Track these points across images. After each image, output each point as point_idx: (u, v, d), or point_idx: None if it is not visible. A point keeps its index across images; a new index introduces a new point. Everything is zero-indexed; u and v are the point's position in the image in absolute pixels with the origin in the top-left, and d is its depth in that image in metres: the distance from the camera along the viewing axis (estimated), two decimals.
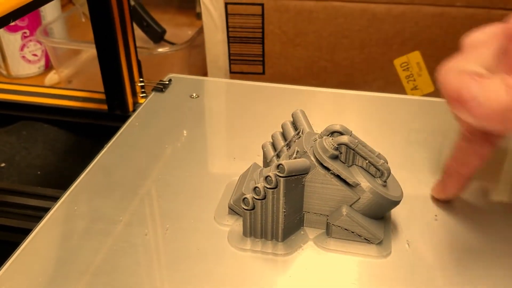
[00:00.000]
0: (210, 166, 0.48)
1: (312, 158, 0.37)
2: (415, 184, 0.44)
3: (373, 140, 0.40)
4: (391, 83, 0.80)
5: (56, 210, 0.42)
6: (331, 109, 0.58)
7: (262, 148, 0.43)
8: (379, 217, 0.39)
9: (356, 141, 0.37)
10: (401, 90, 0.80)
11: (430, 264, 0.37)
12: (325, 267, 0.37)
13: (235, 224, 0.40)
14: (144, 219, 0.41)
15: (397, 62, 0.78)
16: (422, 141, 0.51)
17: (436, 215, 0.40)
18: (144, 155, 0.49)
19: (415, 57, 0.78)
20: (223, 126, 0.56)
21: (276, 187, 0.36)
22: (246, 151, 0.49)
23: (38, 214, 0.42)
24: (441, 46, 0.76)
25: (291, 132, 0.42)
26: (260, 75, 0.83)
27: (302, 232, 0.39)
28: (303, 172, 0.36)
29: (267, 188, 0.36)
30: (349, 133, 0.38)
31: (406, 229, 0.39)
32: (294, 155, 0.38)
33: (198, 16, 1.14)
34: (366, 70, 0.80)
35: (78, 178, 0.45)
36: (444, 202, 0.42)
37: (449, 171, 0.41)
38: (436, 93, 0.80)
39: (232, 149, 0.51)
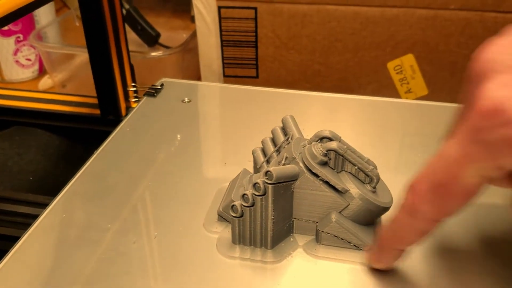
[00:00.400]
0: (201, 172, 0.48)
1: (301, 165, 0.36)
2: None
3: (366, 144, 0.40)
4: (384, 86, 0.80)
5: (45, 217, 0.42)
6: (325, 113, 0.58)
7: (252, 153, 0.43)
8: (369, 223, 0.38)
9: (345, 147, 0.37)
10: (395, 93, 0.80)
11: (420, 270, 0.36)
12: (315, 275, 0.36)
13: (224, 231, 0.39)
14: (133, 227, 0.41)
15: (391, 65, 0.78)
16: (415, 144, 0.51)
17: None
18: (134, 161, 0.49)
19: (409, 60, 0.77)
20: (214, 131, 0.56)
21: (264, 194, 0.35)
22: (238, 156, 0.49)
23: (28, 221, 0.42)
24: (434, 49, 0.76)
25: (281, 137, 0.41)
26: (254, 79, 0.83)
27: (291, 239, 0.39)
28: (292, 179, 0.36)
29: (256, 195, 0.35)
30: (338, 139, 0.37)
31: None
32: (283, 161, 0.37)
33: (193, 19, 1.14)
34: (359, 73, 0.80)
35: (67, 185, 0.45)
36: None
37: (382, 244, 0.35)
38: (430, 96, 0.79)
39: (224, 154, 0.51)
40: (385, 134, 0.53)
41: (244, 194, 0.36)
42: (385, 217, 0.40)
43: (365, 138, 0.52)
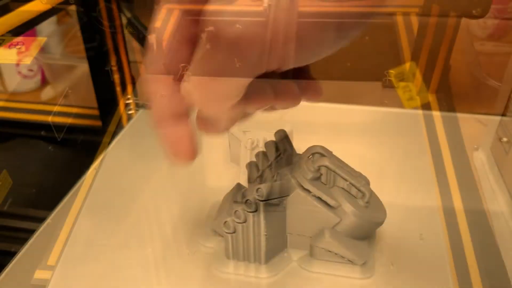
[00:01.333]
0: (195, 186, 0.48)
1: (293, 180, 0.36)
2: (400, 203, 0.44)
3: (363, 155, 0.39)
4: (386, 94, 0.79)
5: (39, 234, 0.42)
6: (325, 123, 0.57)
7: (246, 168, 0.43)
8: (362, 238, 0.38)
9: (337, 162, 0.36)
10: (397, 101, 0.80)
11: (414, 285, 0.36)
12: None
13: (219, 247, 0.39)
14: (126, 243, 0.41)
15: (393, 72, 0.78)
16: (411, 156, 0.50)
17: (421, 234, 0.40)
18: (128, 175, 0.49)
19: (411, 67, 0.77)
20: (209, 145, 0.55)
21: (256, 210, 0.35)
22: (232, 170, 0.49)
23: (27, 236, 0.42)
24: (436, 56, 0.75)
25: (273, 152, 0.41)
26: None
27: (285, 253, 0.39)
28: (283, 195, 0.36)
29: (247, 211, 0.35)
30: (330, 154, 0.37)
31: (391, 249, 0.39)
32: (275, 177, 0.37)
33: None
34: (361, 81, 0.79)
35: (62, 201, 0.45)
36: (429, 221, 0.41)
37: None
38: (433, 103, 0.79)
39: (218, 168, 0.51)
40: (380, 145, 0.52)
41: (236, 210, 0.36)
42: (379, 231, 0.39)
43: (362, 147, 0.51)
